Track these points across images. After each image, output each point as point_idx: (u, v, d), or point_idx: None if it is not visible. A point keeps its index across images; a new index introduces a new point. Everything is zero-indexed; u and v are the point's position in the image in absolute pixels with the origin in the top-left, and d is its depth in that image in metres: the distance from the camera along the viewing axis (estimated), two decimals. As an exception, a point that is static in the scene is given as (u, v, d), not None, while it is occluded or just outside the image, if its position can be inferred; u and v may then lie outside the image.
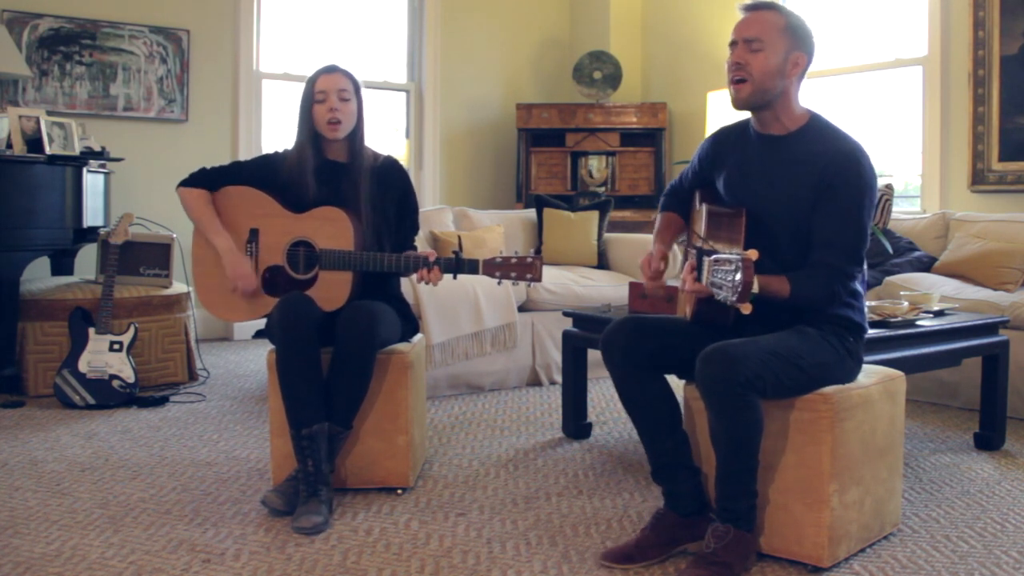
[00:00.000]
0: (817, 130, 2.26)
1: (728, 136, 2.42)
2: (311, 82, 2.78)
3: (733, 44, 2.26)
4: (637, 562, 2.18)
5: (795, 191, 2.21)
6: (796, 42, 2.23)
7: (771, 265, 2.17)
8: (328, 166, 2.80)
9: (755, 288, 1.96)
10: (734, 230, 2.22)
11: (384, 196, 2.82)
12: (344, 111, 2.75)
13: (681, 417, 2.29)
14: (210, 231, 2.76)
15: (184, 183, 2.83)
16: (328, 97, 2.73)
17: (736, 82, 2.24)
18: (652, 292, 2.44)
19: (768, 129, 2.29)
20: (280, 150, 2.90)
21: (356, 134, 2.81)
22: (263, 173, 2.83)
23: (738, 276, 1.88)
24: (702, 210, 2.34)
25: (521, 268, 2.57)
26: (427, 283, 2.62)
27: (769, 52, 2.21)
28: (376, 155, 2.89)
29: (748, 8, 2.27)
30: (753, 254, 1.91)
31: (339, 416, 2.58)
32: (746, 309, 1.91)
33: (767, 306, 2.13)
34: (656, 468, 2.29)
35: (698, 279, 2.11)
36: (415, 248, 2.92)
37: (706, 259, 2.03)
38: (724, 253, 1.98)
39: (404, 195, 2.88)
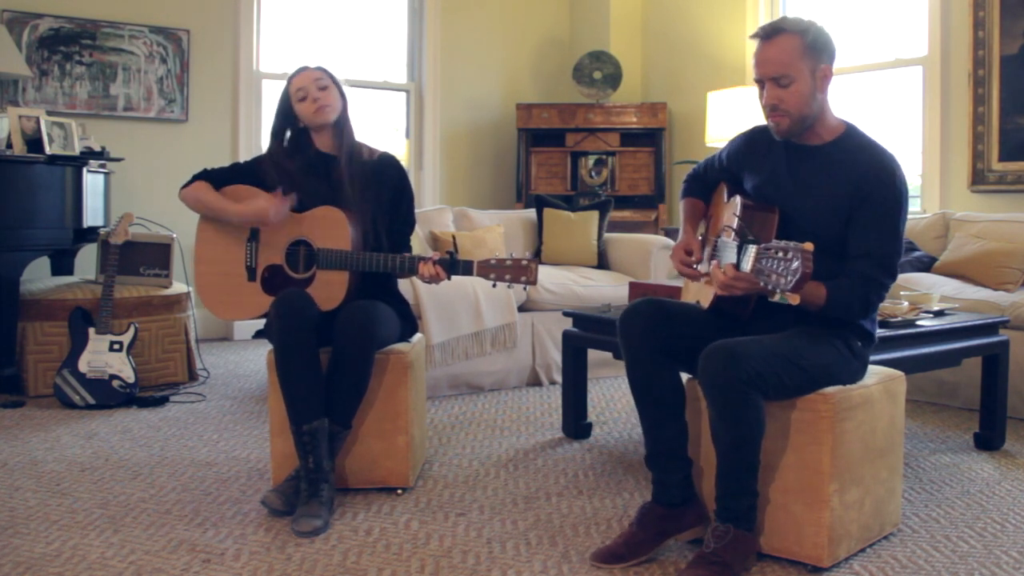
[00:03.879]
0: (851, 142, 2.25)
1: (762, 138, 2.37)
2: (287, 84, 2.81)
3: (760, 82, 2.22)
4: (627, 560, 2.18)
5: (829, 202, 2.21)
6: (819, 56, 2.19)
7: None
8: (320, 158, 2.82)
9: None
10: (766, 226, 2.20)
11: (379, 191, 2.83)
12: (326, 97, 2.77)
13: (684, 406, 2.29)
14: (221, 207, 2.76)
15: (185, 184, 2.86)
16: (308, 91, 2.75)
17: (776, 117, 2.23)
18: (690, 278, 2.42)
19: (803, 140, 2.27)
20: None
21: (342, 123, 2.83)
22: (260, 174, 2.85)
23: (795, 263, 1.86)
24: (734, 202, 2.31)
25: (516, 271, 2.57)
26: (433, 280, 2.62)
27: (799, 82, 2.18)
28: (372, 151, 2.91)
29: (764, 37, 2.21)
30: (810, 246, 1.89)
31: (339, 415, 2.58)
32: (795, 300, 1.90)
33: (786, 306, 2.11)
34: (651, 453, 2.29)
35: (737, 266, 2.07)
36: (410, 247, 2.93)
37: (751, 246, 1.99)
38: (776, 241, 1.95)
39: (400, 190, 2.89)
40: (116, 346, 3.84)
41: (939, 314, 3.30)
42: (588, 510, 2.59)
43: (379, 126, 6.53)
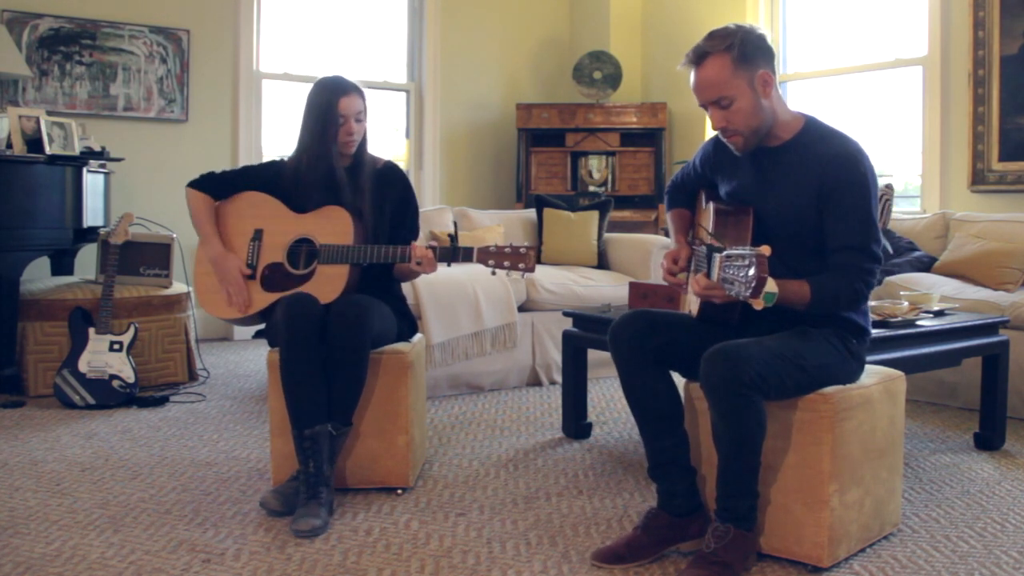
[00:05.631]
0: (811, 136, 2.24)
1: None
2: (332, 102, 2.74)
3: (703, 106, 2.22)
4: (628, 562, 2.17)
5: (797, 199, 2.21)
6: (753, 66, 2.16)
7: (780, 271, 2.17)
8: (331, 171, 2.84)
9: (772, 288, 1.94)
10: (741, 228, 2.22)
11: (383, 200, 2.86)
12: (360, 130, 2.81)
13: (683, 415, 2.29)
14: (203, 235, 2.84)
15: (192, 184, 2.89)
16: (348, 121, 2.76)
17: (729, 137, 2.23)
18: (672, 285, 2.44)
19: (764, 142, 2.26)
20: (283, 157, 2.96)
21: (361, 143, 2.87)
22: (269, 178, 2.89)
23: (751, 271, 1.87)
24: (708, 208, 2.33)
25: (515, 258, 2.60)
26: (420, 263, 2.64)
27: (739, 98, 2.16)
28: (376, 160, 2.93)
29: (693, 63, 2.19)
30: (766, 250, 1.90)
31: (338, 413, 2.58)
32: (758, 305, 1.90)
33: (776, 307, 2.13)
34: (653, 465, 2.29)
35: (708, 275, 2.10)
36: None
37: (717, 255, 2.01)
38: (736, 249, 1.96)
39: (403, 199, 2.91)
40: (116, 346, 3.84)
41: (939, 314, 3.30)
42: (588, 510, 2.59)
43: (379, 126, 6.53)
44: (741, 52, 2.14)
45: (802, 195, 2.20)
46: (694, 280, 2.17)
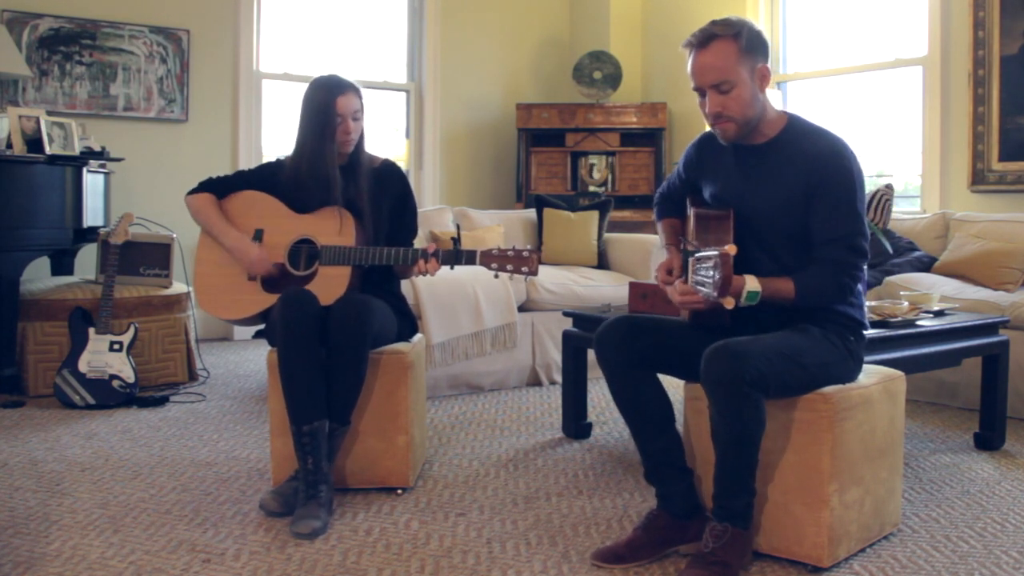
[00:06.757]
0: (796, 133, 2.25)
1: (710, 145, 2.38)
2: (329, 102, 2.73)
3: (699, 91, 2.21)
4: (628, 562, 2.18)
5: (784, 197, 2.21)
6: (755, 57, 2.17)
7: (774, 269, 2.18)
8: (330, 171, 2.83)
9: (755, 286, 1.95)
10: (721, 231, 2.23)
11: (382, 198, 2.86)
12: (357, 129, 2.81)
13: (674, 418, 2.29)
14: (218, 229, 2.81)
15: (191, 192, 2.89)
16: (345, 120, 2.75)
17: (722, 124, 2.22)
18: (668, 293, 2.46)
19: (749, 140, 2.27)
20: (281, 158, 2.96)
21: (359, 141, 2.87)
22: (265, 179, 2.89)
23: (716, 273, 1.90)
24: (690, 214, 2.35)
25: (518, 261, 2.60)
26: (424, 274, 2.66)
27: (740, 86, 2.16)
28: (374, 158, 2.93)
29: (698, 45, 2.19)
30: (731, 248, 1.92)
31: (337, 412, 2.58)
32: (728, 304, 1.93)
33: (767, 306, 2.14)
34: (649, 469, 2.29)
35: (684, 279, 2.12)
36: None
37: (690, 259, 2.04)
38: (703, 251, 1.98)
39: (402, 198, 2.91)
40: (116, 346, 3.84)
41: (939, 314, 3.30)
42: (588, 510, 2.59)
43: (379, 126, 6.53)
44: (748, 41, 2.17)
45: (789, 192, 2.21)
46: (672, 290, 2.22)
